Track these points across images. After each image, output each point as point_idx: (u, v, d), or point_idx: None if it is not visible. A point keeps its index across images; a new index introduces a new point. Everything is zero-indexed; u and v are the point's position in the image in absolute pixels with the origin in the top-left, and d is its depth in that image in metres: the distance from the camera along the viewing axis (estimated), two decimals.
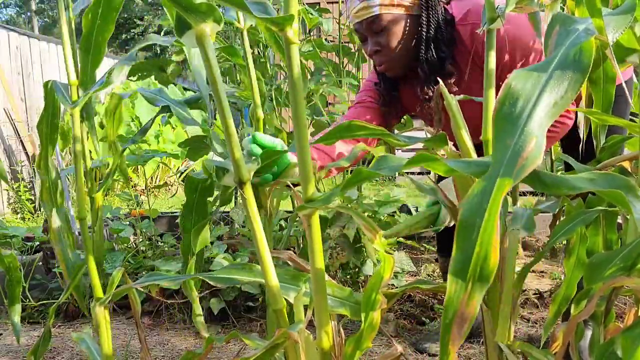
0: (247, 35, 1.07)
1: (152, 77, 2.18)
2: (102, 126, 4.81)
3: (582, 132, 0.99)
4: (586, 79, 0.54)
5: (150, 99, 1.00)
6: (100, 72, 0.95)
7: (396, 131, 2.69)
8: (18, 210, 5.29)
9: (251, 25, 1.09)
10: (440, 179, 1.78)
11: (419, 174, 5.70)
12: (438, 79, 1.01)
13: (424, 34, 1.35)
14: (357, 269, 2.22)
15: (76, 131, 0.99)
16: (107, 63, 5.40)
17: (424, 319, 2.14)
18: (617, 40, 0.70)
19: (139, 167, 5.00)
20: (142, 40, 0.85)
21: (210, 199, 1.00)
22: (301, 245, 2.46)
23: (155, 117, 0.98)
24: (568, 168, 1.62)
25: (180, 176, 5.78)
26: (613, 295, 0.85)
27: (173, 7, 0.62)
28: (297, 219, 2.04)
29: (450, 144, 0.77)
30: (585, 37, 0.56)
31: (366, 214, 2.39)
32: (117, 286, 0.98)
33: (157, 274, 0.90)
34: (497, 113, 0.54)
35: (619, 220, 0.96)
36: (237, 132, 0.93)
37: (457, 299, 0.49)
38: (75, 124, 0.98)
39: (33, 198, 5.26)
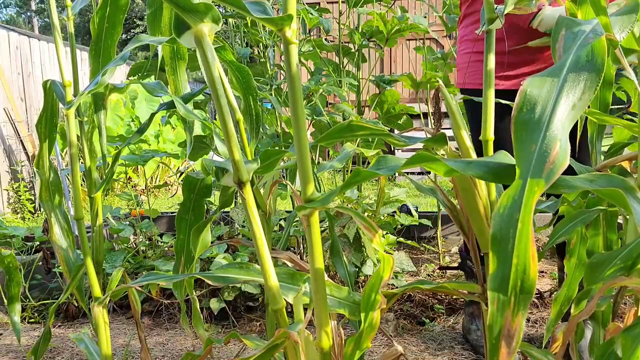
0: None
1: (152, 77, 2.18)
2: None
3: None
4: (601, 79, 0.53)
5: (150, 90, 1.00)
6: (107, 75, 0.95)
7: (396, 131, 2.69)
8: (18, 210, 5.29)
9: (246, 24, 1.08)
10: None
11: (419, 174, 5.70)
12: None
13: None
14: (357, 269, 2.22)
15: (71, 132, 0.99)
16: None
17: (424, 319, 2.14)
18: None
19: (139, 167, 5.00)
20: (134, 40, 0.85)
21: (210, 199, 1.00)
22: (301, 246, 2.46)
23: (155, 113, 0.98)
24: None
25: (180, 176, 5.78)
26: (619, 297, 0.85)
27: (170, 7, 0.62)
28: (297, 219, 2.04)
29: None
30: (594, 37, 0.56)
31: (366, 214, 2.39)
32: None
33: (154, 273, 0.90)
34: (516, 119, 0.53)
35: (619, 220, 0.96)
36: (237, 131, 0.92)
37: (501, 315, 0.47)
38: (70, 125, 0.98)
39: (33, 198, 5.27)
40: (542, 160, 0.49)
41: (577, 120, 0.99)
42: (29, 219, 5.13)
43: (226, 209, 2.76)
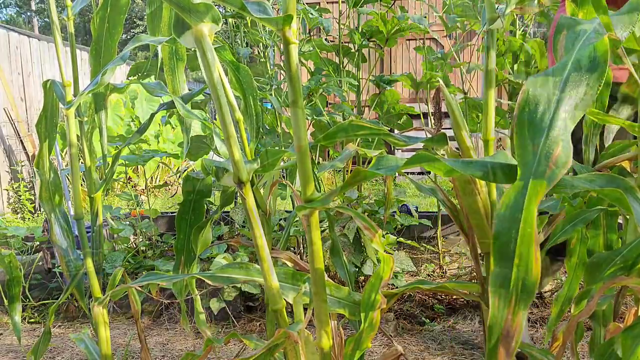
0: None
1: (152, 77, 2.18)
2: None
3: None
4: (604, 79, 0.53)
5: (150, 90, 1.00)
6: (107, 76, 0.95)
7: (396, 131, 2.69)
8: (18, 210, 5.29)
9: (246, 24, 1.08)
10: None
11: (419, 174, 5.70)
12: None
13: None
14: (357, 269, 2.22)
15: (71, 132, 0.99)
16: None
17: (424, 319, 2.14)
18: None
19: (139, 167, 5.00)
20: (134, 40, 0.85)
21: (210, 199, 1.00)
22: (301, 246, 2.46)
23: (155, 113, 0.98)
24: None
25: (180, 176, 5.78)
26: (620, 297, 0.84)
27: (170, 7, 0.62)
28: (297, 219, 2.04)
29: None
30: (596, 36, 0.55)
31: (366, 214, 2.39)
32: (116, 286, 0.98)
33: (154, 273, 0.90)
34: (518, 119, 0.52)
35: (620, 220, 0.96)
36: (237, 131, 0.92)
37: (501, 316, 0.47)
38: (70, 125, 0.98)
39: (33, 198, 5.27)
40: (544, 161, 0.49)
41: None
42: (29, 219, 5.13)
43: (226, 209, 2.76)
